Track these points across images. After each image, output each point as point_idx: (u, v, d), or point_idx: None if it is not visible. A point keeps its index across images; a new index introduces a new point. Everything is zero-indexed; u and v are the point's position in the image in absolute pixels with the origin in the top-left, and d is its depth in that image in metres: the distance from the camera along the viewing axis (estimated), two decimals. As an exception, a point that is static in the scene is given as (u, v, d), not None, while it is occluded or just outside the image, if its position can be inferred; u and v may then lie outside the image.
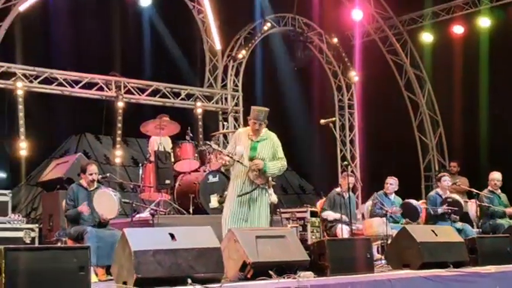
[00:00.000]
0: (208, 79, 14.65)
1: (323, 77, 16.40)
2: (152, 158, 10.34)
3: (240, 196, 7.50)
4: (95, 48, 13.02)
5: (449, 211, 9.93)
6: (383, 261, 8.38)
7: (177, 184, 10.49)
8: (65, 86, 12.54)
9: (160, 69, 13.64)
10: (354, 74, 16.27)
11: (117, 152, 13.13)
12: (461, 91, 14.98)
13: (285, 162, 7.75)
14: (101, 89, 12.95)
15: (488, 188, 10.84)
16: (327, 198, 10.23)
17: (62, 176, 10.34)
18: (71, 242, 7.96)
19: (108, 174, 8.99)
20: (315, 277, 6.44)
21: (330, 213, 9.95)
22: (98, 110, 13.35)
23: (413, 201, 10.12)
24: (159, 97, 13.74)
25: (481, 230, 10.56)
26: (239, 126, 14.02)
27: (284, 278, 6.15)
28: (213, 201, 10.00)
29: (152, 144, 10.77)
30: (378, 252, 9.69)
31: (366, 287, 6.44)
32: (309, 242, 11.07)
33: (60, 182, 10.33)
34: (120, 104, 12.94)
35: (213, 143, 8.63)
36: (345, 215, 9.48)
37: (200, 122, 13.90)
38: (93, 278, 6.64)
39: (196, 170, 10.69)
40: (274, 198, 7.65)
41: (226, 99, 14.70)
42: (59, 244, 8.91)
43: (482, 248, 8.08)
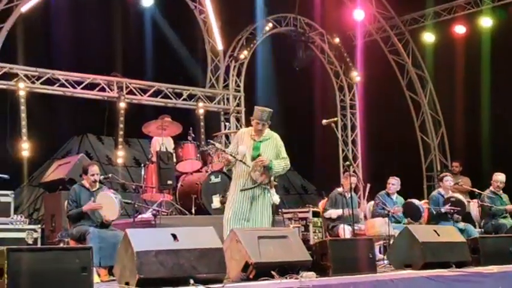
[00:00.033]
0: (210, 79, 14.65)
1: (325, 77, 16.40)
2: (154, 159, 10.34)
3: (242, 191, 7.49)
4: (97, 49, 13.01)
5: (453, 211, 9.93)
6: (385, 261, 8.38)
7: (179, 184, 10.50)
8: (66, 87, 12.54)
9: (162, 70, 13.63)
10: (355, 74, 16.27)
11: (119, 153, 13.13)
12: (463, 91, 14.96)
13: (288, 162, 7.74)
14: (102, 89, 12.95)
15: (491, 189, 10.83)
16: (328, 198, 10.24)
17: (64, 177, 10.34)
18: (73, 242, 7.96)
19: (110, 175, 8.99)
20: (317, 277, 6.44)
21: (333, 211, 9.94)
22: (99, 110, 13.34)
23: (415, 201, 10.12)
24: (161, 98, 13.74)
25: (483, 230, 10.55)
26: (241, 126, 14.02)
27: (286, 278, 6.15)
28: (215, 201, 10.00)
29: (154, 144, 10.77)
30: (380, 252, 9.70)
31: (368, 287, 6.45)
32: (311, 242, 11.09)
33: (62, 183, 10.33)
34: (122, 105, 12.94)
35: (216, 142, 8.63)
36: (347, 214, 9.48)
37: (202, 122, 13.91)
38: (96, 279, 6.64)
39: (198, 171, 10.69)
40: (276, 199, 7.63)
41: (228, 100, 14.70)
42: (61, 245, 8.92)
43: (485, 248, 8.06)
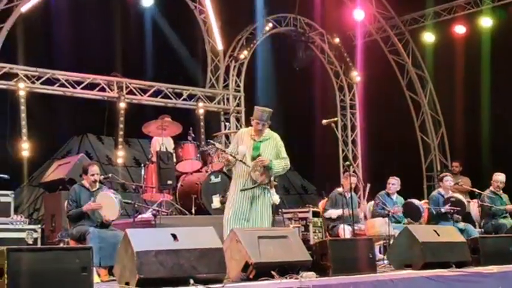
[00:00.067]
0: (210, 79, 14.65)
1: (325, 77, 16.39)
2: (154, 159, 10.34)
3: (242, 190, 7.49)
4: (97, 49, 13.00)
5: (453, 211, 9.93)
6: (385, 261, 8.37)
7: (179, 184, 10.50)
8: (66, 87, 12.54)
9: (162, 70, 13.63)
10: (355, 74, 16.26)
11: (119, 153, 13.13)
12: (463, 91, 14.96)
13: (288, 162, 7.75)
14: (102, 89, 12.95)
15: (491, 189, 10.82)
16: (328, 198, 10.24)
17: (64, 177, 10.34)
18: (73, 242, 7.96)
19: (110, 175, 8.99)
20: (317, 277, 6.44)
21: (333, 211, 9.94)
22: (99, 110, 13.34)
23: (415, 201, 10.12)
24: (161, 98, 13.73)
25: (483, 230, 10.55)
26: (241, 126, 14.02)
27: (286, 278, 6.15)
28: (215, 201, 10.01)
29: (154, 144, 10.77)
30: (380, 252, 9.70)
31: (368, 287, 6.45)
32: (311, 242, 11.08)
33: (62, 183, 10.33)
34: (122, 105, 12.93)
35: (216, 142, 8.63)
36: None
37: (202, 122, 13.90)
38: (96, 279, 6.64)
39: (198, 171, 10.69)
40: (276, 199, 7.64)
41: (228, 100, 14.69)
42: (62, 245, 8.92)
43: (485, 248, 8.07)
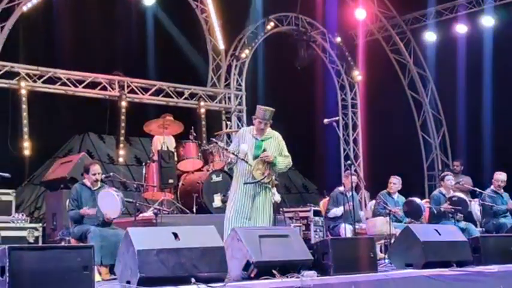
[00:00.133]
0: (212, 78, 14.66)
1: (326, 76, 16.39)
2: (156, 158, 10.34)
3: (246, 184, 7.48)
4: (98, 47, 12.99)
5: (453, 210, 9.91)
6: (386, 261, 8.37)
7: (180, 183, 10.50)
8: (68, 86, 12.54)
9: (163, 69, 13.62)
10: (357, 73, 16.26)
11: (121, 152, 13.14)
12: (465, 90, 14.97)
13: (290, 160, 7.79)
14: (104, 88, 12.96)
15: (492, 188, 10.81)
16: (330, 198, 10.22)
17: (66, 176, 10.35)
18: (74, 241, 7.96)
19: (111, 174, 8.99)
20: (318, 276, 6.44)
21: (337, 209, 9.90)
22: (101, 109, 13.32)
23: (416, 200, 10.10)
24: (163, 96, 13.74)
25: (484, 229, 10.54)
26: (242, 125, 14.02)
27: (287, 277, 6.15)
28: (217, 200, 10.02)
29: (155, 143, 10.77)
30: (381, 251, 9.70)
31: (369, 286, 6.45)
32: (312, 241, 11.07)
33: (63, 182, 10.34)
34: (123, 104, 12.95)
35: (218, 141, 8.63)
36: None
37: (203, 121, 13.91)
38: (97, 277, 6.64)
39: (199, 170, 10.70)
40: (277, 198, 7.64)
41: (230, 99, 14.70)
42: (63, 243, 8.91)
43: (486, 247, 8.07)
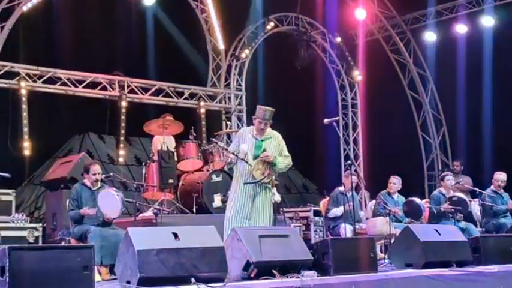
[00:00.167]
0: (212, 78, 14.66)
1: (326, 76, 16.39)
2: (156, 158, 10.34)
3: (246, 184, 7.48)
4: (98, 47, 12.99)
5: (454, 210, 9.90)
6: (386, 261, 8.37)
7: (180, 183, 10.50)
8: (68, 86, 12.54)
9: (163, 69, 13.62)
10: (357, 73, 16.26)
11: (121, 152, 13.14)
12: (465, 90, 14.97)
13: (290, 160, 7.80)
14: (104, 88, 12.96)
15: (492, 188, 10.81)
16: (330, 198, 10.22)
17: (66, 176, 10.36)
18: (74, 241, 7.96)
19: (111, 174, 8.99)
20: (318, 276, 6.44)
21: (337, 209, 9.90)
22: (101, 109, 13.33)
23: (416, 199, 10.10)
24: (163, 96, 13.74)
25: (484, 229, 10.54)
26: (242, 125, 14.02)
27: (287, 277, 6.15)
28: (217, 200, 10.02)
29: (156, 143, 10.78)
30: (381, 251, 9.70)
31: (369, 286, 6.45)
32: (312, 241, 11.07)
33: (63, 182, 10.34)
34: (123, 104, 12.95)
35: (218, 141, 8.63)
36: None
37: (203, 121, 13.91)
38: (97, 277, 6.64)
39: (199, 170, 10.70)
40: (277, 198, 7.65)
41: (230, 99, 14.70)
42: (63, 243, 8.91)
43: (486, 247, 8.07)
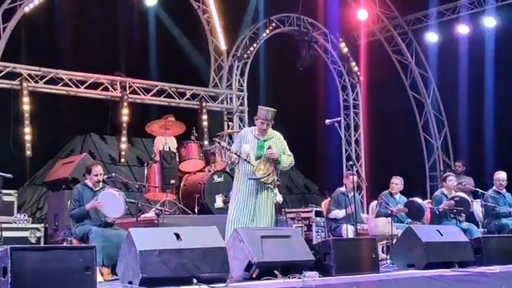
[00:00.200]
0: (214, 79, 14.67)
1: (328, 76, 16.40)
2: (157, 158, 10.34)
3: (250, 179, 7.48)
4: (100, 48, 13.01)
5: (454, 210, 9.89)
6: (388, 261, 8.37)
7: (182, 184, 10.51)
8: (70, 86, 12.56)
9: (165, 69, 13.62)
10: (359, 73, 16.26)
11: (122, 152, 13.14)
12: (467, 91, 14.96)
13: (293, 159, 7.82)
14: (106, 89, 12.98)
15: (494, 188, 10.79)
16: (331, 198, 10.21)
17: (68, 176, 10.36)
18: (76, 241, 7.97)
19: (113, 174, 9.01)
20: (320, 277, 6.44)
21: (339, 212, 9.89)
22: (103, 110, 13.35)
23: (418, 200, 10.09)
24: (164, 97, 13.75)
25: (486, 230, 10.53)
26: (244, 126, 14.02)
27: (289, 278, 6.16)
28: (218, 201, 10.01)
29: (157, 144, 10.78)
30: (383, 252, 9.70)
31: (371, 287, 6.45)
32: (314, 242, 11.07)
33: (65, 182, 10.35)
34: (125, 104, 12.96)
35: (221, 141, 8.62)
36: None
37: (205, 122, 13.92)
38: (99, 278, 6.64)
39: (201, 170, 10.70)
40: (279, 198, 7.65)
41: (232, 99, 14.70)
42: (65, 244, 8.92)
43: (488, 248, 8.07)
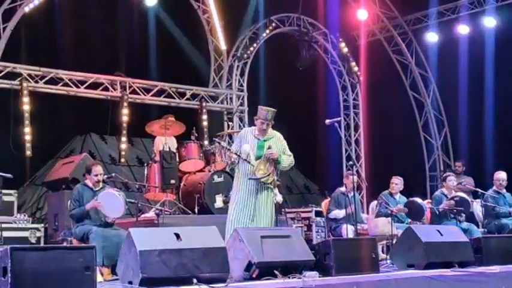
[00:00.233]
0: (214, 79, 14.67)
1: (328, 76, 16.40)
2: (157, 158, 10.35)
3: (250, 179, 7.49)
4: (100, 48, 13.01)
5: (454, 210, 9.89)
6: (388, 261, 8.37)
7: (182, 184, 10.51)
8: (70, 86, 12.56)
9: (165, 69, 13.63)
10: (359, 73, 16.26)
11: (122, 152, 13.14)
12: (467, 91, 14.96)
13: (293, 159, 7.82)
14: (106, 89, 12.98)
15: (494, 188, 10.79)
16: (331, 198, 10.21)
17: (68, 176, 10.37)
18: (76, 241, 7.97)
19: (113, 174, 9.01)
20: (320, 277, 6.44)
21: (339, 212, 9.89)
22: (103, 110, 13.35)
23: (418, 200, 10.09)
24: (164, 97, 13.75)
25: (486, 230, 10.53)
26: (244, 126, 14.02)
27: (289, 278, 6.16)
28: (218, 201, 10.01)
29: (157, 144, 10.78)
30: (383, 252, 9.70)
31: (371, 287, 6.45)
32: (314, 242, 11.07)
33: (65, 182, 10.35)
34: (125, 104, 12.96)
35: (221, 141, 8.63)
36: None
37: (205, 122, 13.93)
38: (99, 278, 6.64)
39: (201, 170, 10.70)
40: (279, 198, 7.65)
41: (231, 99, 14.70)
42: (65, 244, 8.92)
43: (488, 248, 8.07)
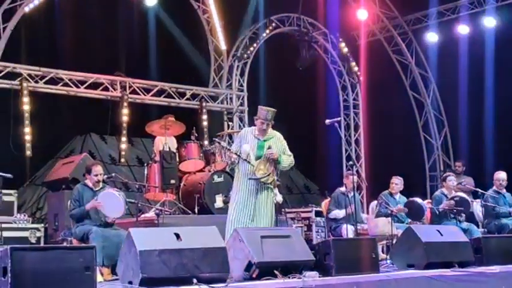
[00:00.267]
0: (214, 79, 14.67)
1: (328, 76, 16.40)
2: (157, 158, 10.35)
3: (250, 179, 7.49)
4: (100, 48, 13.01)
5: (454, 210, 9.89)
6: (388, 261, 8.37)
7: (182, 184, 10.51)
8: (70, 86, 12.56)
9: (165, 69, 13.63)
10: (359, 73, 16.27)
11: (122, 152, 13.14)
12: (467, 91, 14.97)
13: (293, 159, 7.82)
14: (106, 89, 12.98)
15: (494, 188, 10.79)
16: (331, 198, 10.21)
17: (68, 176, 10.37)
18: (76, 241, 7.97)
19: (113, 174, 9.01)
20: (320, 277, 6.44)
21: (339, 212, 9.89)
22: (103, 110, 13.35)
23: (418, 200, 10.09)
24: (164, 97, 13.75)
25: (486, 230, 10.53)
26: (244, 126, 14.02)
27: (289, 278, 6.16)
28: (218, 201, 10.02)
29: (157, 144, 10.78)
30: (383, 252, 9.70)
31: (371, 287, 6.45)
32: (314, 242, 11.07)
33: (65, 182, 10.35)
34: (125, 104, 12.96)
35: (221, 141, 8.63)
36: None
37: (205, 122, 13.93)
38: (99, 278, 6.64)
39: (201, 170, 10.70)
40: (279, 198, 7.65)
41: (232, 99, 14.70)
42: (65, 244, 8.92)
43: (488, 248, 8.07)
